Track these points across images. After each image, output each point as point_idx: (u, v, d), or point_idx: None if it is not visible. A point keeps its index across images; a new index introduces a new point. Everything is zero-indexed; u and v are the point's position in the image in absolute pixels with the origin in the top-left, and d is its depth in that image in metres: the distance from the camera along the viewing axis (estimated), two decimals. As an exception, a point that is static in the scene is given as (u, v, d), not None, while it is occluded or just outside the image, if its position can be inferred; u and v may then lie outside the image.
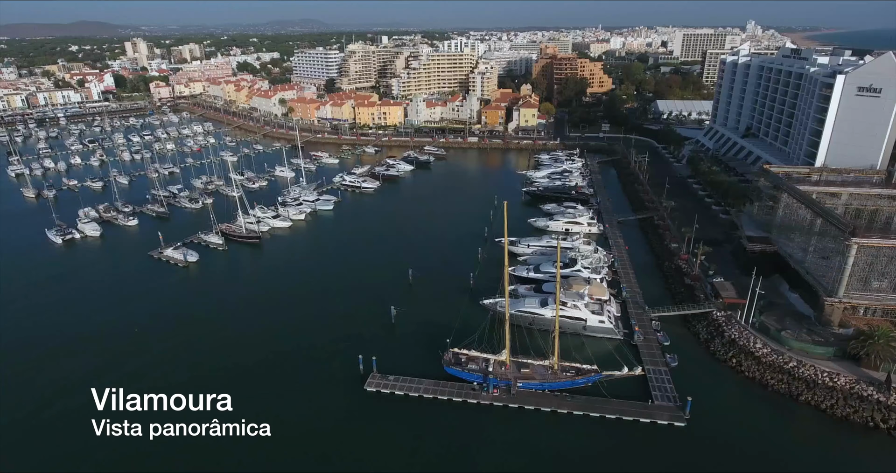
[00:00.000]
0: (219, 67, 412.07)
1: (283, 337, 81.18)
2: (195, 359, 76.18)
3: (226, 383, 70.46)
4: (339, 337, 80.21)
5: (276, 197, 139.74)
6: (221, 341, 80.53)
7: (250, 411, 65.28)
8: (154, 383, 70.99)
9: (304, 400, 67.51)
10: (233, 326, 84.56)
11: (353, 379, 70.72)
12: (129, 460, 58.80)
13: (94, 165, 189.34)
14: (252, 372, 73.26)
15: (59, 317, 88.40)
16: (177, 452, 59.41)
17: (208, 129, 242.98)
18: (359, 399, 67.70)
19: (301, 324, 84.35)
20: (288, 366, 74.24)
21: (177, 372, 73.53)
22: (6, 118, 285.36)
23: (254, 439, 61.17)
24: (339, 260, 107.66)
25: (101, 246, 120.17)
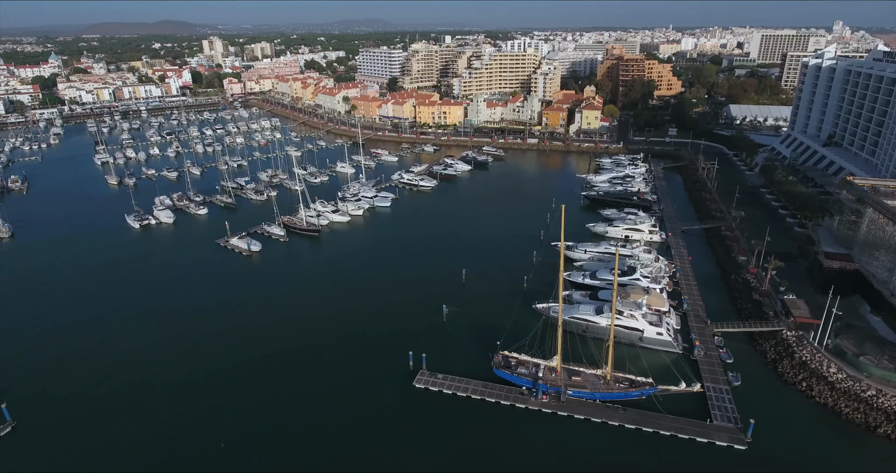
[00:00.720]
0: (287, 65, 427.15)
1: (336, 328, 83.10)
2: (250, 344, 79.32)
3: (278, 370, 73.50)
4: (391, 332, 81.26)
5: (336, 192, 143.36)
6: (277, 329, 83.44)
7: (299, 399, 67.83)
8: (204, 363, 74.78)
9: (354, 392, 68.79)
10: (289, 315, 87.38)
11: (403, 375, 71.42)
12: (160, 428, 62.02)
13: (170, 156, 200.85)
14: (304, 361, 75.47)
15: (131, 296, 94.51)
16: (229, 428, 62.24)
17: (275, 125, 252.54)
18: (407, 396, 68.24)
19: (355, 317, 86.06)
20: (340, 357, 75.94)
21: (231, 353, 76.92)
22: (95, 110, 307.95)
23: (303, 427, 63.43)
24: (393, 257, 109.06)
25: (173, 233, 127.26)
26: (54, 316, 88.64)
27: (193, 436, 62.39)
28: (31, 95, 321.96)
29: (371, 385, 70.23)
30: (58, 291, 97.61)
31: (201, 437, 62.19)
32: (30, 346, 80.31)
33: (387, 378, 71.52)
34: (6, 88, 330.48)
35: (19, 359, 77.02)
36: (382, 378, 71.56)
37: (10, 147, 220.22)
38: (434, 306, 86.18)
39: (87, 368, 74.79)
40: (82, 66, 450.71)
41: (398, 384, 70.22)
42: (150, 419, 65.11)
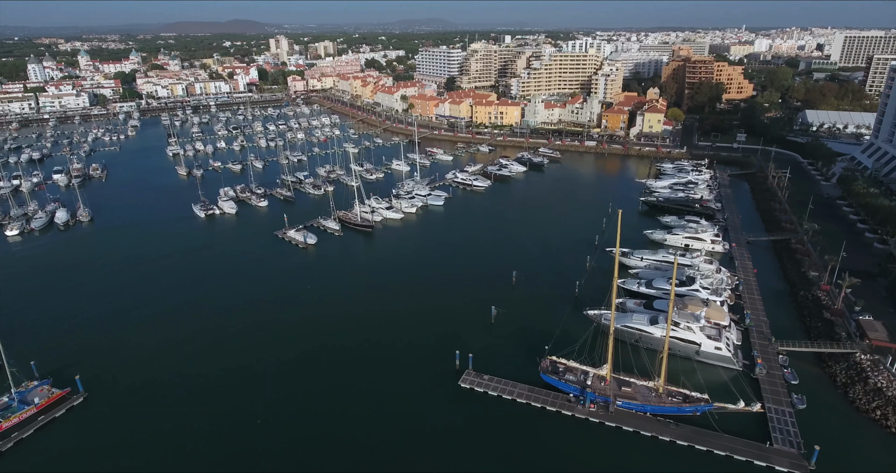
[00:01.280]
0: (348, 64, 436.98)
1: (385, 323, 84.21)
2: (301, 336, 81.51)
3: (327, 362, 75.18)
4: (439, 330, 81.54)
5: (391, 189, 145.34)
6: (329, 321, 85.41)
7: (346, 392, 69.09)
8: (254, 352, 77.41)
9: (400, 388, 69.46)
10: (340, 309, 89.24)
11: (448, 374, 71.49)
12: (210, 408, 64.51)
13: (235, 150, 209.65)
14: (353, 354, 76.85)
15: (193, 282, 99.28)
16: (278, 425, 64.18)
17: (335, 121, 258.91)
18: (452, 395, 68.24)
19: (404, 313, 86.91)
20: (387, 352, 76.85)
21: (282, 344, 79.36)
22: (169, 104, 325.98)
23: (348, 422, 64.57)
24: (444, 255, 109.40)
25: (235, 223, 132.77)
26: (124, 298, 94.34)
27: (236, 422, 64.76)
28: (113, 89, 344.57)
29: (417, 381, 70.68)
30: (127, 274, 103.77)
31: (242, 422, 64.54)
32: (102, 324, 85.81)
33: (433, 375, 71.78)
34: (91, 82, 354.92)
35: (92, 336, 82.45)
36: (428, 375, 71.86)
37: (94, 137, 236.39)
38: (483, 306, 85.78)
39: (151, 347, 79.13)
40: (159, 63, 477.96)
41: (443, 382, 70.32)
42: (199, 400, 68.14)
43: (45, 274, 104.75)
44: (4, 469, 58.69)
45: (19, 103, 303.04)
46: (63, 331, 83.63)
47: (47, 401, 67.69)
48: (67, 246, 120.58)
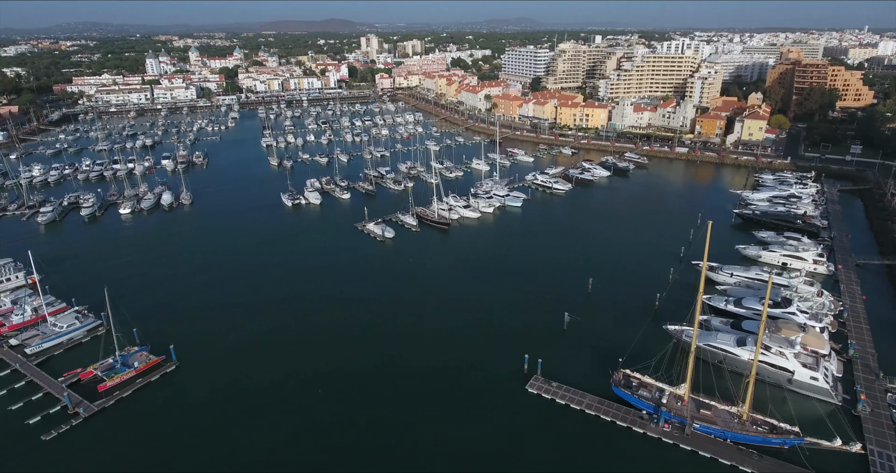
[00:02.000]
0: (435, 62, 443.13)
1: (456, 320, 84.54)
2: (375, 327, 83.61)
3: (394, 356, 76.56)
4: (509, 332, 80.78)
5: (469, 188, 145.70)
6: (401, 313, 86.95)
7: (412, 389, 70.01)
8: (324, 343, 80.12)
9: (465, 388, 69.44)
10: (413, 303, 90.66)
11: (516, 377, 70.60)
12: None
13: (322, 143, 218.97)
14: (420, 350, 77.72)
15: (277, 267, 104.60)
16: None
17: (418, 119, 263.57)
18: (518, 399, 67.31)
19: (475, 311, 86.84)
20: (455, 350, 77.04)
21: (355, 336, 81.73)
22: (266, 98, 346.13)
23: (412, 415, 65.41)
24: (520, 257, 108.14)
25: (319, 213, 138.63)
26: (216, 276, 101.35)
27: (308, 406, 67.45)
28: (217, 83, 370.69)
29: (483, 381, 70.36)
30: (221, 254, 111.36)
31: (311, 404, 67.07)
32: (196, 299, 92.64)
33: (500, 377, 71.17)
34: (199, 77, 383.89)
35: (187, 310, 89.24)
36: (496, 376, 71.34)
37: (198, 127, 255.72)
38: (556, 312, 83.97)
39: (239, 324, 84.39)
40: (259, 59, 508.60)
41: (510, 385, 69.52)
42: (276, 381, 71.65)
43: (151, 250, 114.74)
44: (106, 422, 64.85)
45: (137, 94, 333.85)
46: (162, 303, 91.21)
47: (145, 366, 74.05)
48: (170, 225, 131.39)
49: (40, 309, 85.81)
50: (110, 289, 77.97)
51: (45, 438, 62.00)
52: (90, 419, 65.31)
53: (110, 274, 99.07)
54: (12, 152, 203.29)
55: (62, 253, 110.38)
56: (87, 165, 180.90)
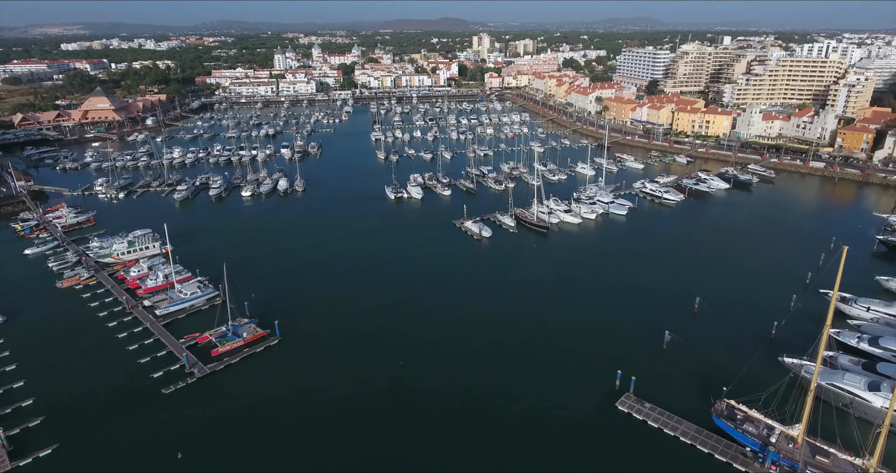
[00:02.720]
0: (546, 62, 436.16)
1: (548, 327, 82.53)
2: (467, 327, 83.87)
3: (482, 360, 76.14)
4: (602, 345, 77.50)
5: (572, 192, 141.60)
6: (492, 315, 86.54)
7: (495, 393, 69.22)
8: (411, 338, 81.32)
9: (552, 398, 67.46)
10: (504, 306, 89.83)
11: (607, 393, 67.50)
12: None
13: (428, 140, 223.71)
14: (509, 354, 76.67)
15: (377, 256, 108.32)
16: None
17: (524, 119, 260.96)
18: (607, 415, 64.26)
19: (568, 320, 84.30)
20: (545, 358, 75.14)
21: (446, 335, 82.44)
22: (378, 94, 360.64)
23: (486, 421, 64.70)
24: (620, 267, 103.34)
25: (419, 208, 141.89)
26: (322, 260, 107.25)
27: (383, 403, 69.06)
28: (335, 79, 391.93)
29: (571, 393, 67.97)
30: (327, 240, 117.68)
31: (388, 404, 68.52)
32: (303, 279, 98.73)
33: (589, 390, 68.43)
34: (319, 72, 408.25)
35: (293, 289, 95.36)
36: (584, 389, 68.68)
37: (315, 119, 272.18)
38: (655, 329, 79.19)
39: (340, 307, 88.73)
40: (375, 57, 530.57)
41: (599, 400, 66.62)
42: (367, 367, 74.19)
43: (266, 231, 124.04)
44: (216, 384, 71.08)
45: (265, 87, 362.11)
46: (271, 281, 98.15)
47: (252, 338, 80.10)
48: (284, 209, 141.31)
49: (170, 276, 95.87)
50: (228, 264, 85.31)
51: (164, 391, 69.17)
52: (203, 379, 71.86)
53: (229, 250, 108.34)
54: (158, 135, 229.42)
55: (191, 228, 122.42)
56: (218, 150, 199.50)
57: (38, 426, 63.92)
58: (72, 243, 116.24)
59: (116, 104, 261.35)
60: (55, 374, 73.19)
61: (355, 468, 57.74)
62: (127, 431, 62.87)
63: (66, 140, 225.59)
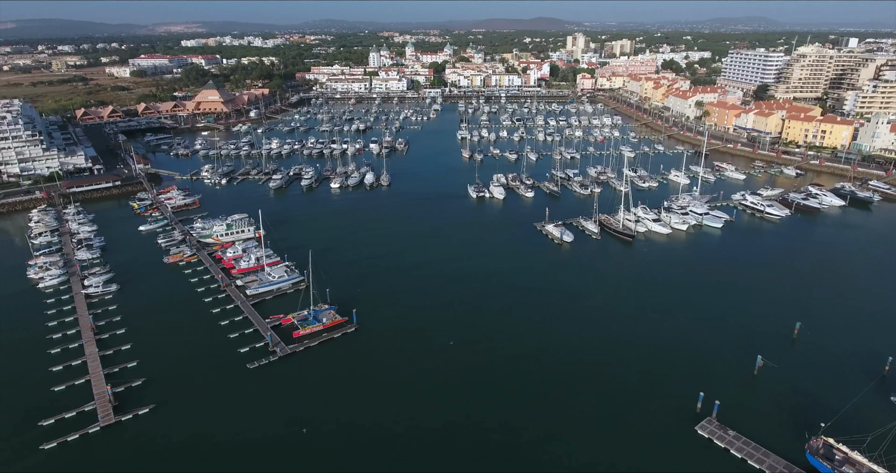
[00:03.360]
0: (643, 64, 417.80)
1: (630, 339, 79.06)
2: (542, 332, 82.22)
3: (553, 370, 74.15)
4: (686, 364, 73.06)
5: (663, 200, 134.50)
6: (566, 323, 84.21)
7: (564, 403, 67.08)
8: (491, 335, 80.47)
9: (627, 413, 64.54)
10: (582, 313, 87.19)
11: (686, 415, 63.54)
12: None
13: (514, 140, 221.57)
14: (584, 364, 74.25)
15: (453, 251, 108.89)
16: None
17: (616, 123, 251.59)
18: (685, 439, 60.42)
19: (651, 334, 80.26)
20: (619, 372, 72.02)
21: (520, 335, 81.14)
22: (467, 93, 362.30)
23: (555, 428, 62.77)
24: (711, 284, 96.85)
25: (500, 208, 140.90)
26: (403, 254, 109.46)
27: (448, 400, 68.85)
28: (426, 77, 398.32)
29: (647, 410, 64.66)
30: (408, 233, 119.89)
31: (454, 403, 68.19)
32: (382, 271, 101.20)
33: (666, 409, 64.83)
34: (411, 70, 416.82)
35: (372, 279, 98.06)
36: (662, 407, 65.13)
37: (403, 116, 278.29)
38: (746, 353, 73.56)
39: (414, 301, 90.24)
40: (466, 56, 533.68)
41: (677, 421, 62.85)
42: (437, 362, 74.66)
43: (351, 222, 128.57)
44: (296, 363, 74.72)
45: (358, 84, 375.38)
46: (352, 270, 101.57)
47: (331, 323, 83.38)
48: (369, 202, 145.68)
49: (261, 260, 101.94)
50: (313, 251, 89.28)
51: (249, 366, 73.71)
52: (284, 358, 75.82)
53: (315, 238, 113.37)
54: (260, 127, 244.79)
55: (282, 215, 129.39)
56: (312, 143, 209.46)
57: (139, 386, 70.41)
58: (179, 223, 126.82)
59: (225, 97, 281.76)
60: (157, 341, 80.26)
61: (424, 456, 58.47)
62: (215, 400, 67.68)
63: (180, 128, 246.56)
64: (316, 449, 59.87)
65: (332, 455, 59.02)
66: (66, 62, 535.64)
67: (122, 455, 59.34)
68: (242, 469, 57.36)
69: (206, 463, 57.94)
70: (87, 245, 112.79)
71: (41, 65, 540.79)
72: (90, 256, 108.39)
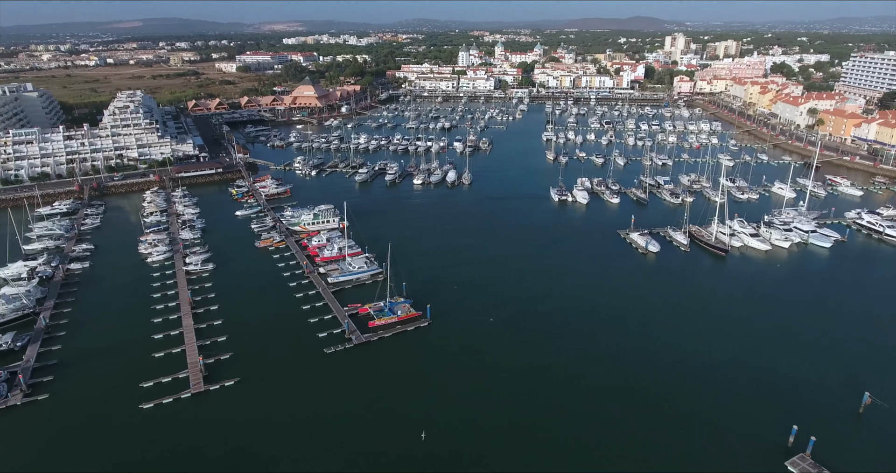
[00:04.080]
0: (750, 66, 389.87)
1: (713, 360, 73.91)
2: (619, 352, 78.83)
3: (636, 386, 70.67)
4: (778, 395, 67.09)
5: (763, 214, 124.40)
6: (651, 341, 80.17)
7: (642, 428, 63.65)
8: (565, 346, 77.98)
9: (711, 441, 60.23)
10: (663, 331, 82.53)
11: (775, 449, 58.38)
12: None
13: (602, 143, 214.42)
14: (663, 386, 70.22)
15: (535, 254, 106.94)
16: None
17: (714, 129, 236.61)
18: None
19: (739, 358, 74.46)
20: (701, 395, 67.30)
21: (596, 347, 78.27)
22: (555, 94, 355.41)
23: (633, 455, 59.65)
24: (814, 307, 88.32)
25: (583, 213, 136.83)
26: (479, 252, 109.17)
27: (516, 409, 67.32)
28: (514, 77, 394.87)
29: (732, 441, 59.92)
30: (485, 234, 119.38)
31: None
32: (456, 268, 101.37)
33: (755, 440, 59.76)
34: (499, 70, 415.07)
35: (449, 276, 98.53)
36: (751, 437, 60.11)
37: (489, 116, 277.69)
38: (851, 388, 66.63)
39: (491, 301, 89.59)
40: (556, 56, 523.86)
41: (766, 454, 57.90)
42: (507, 362, 73.68)
43: (431, 219, 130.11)
44: (370, 352, 76.65)
45: (446, 82, 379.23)
46: (429, 266, 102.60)
47: (405, 316, 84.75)
48: (449, 199, 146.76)
49: (343, 250, 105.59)
50: (392, 245, 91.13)
51: (326, 351, 76.63)
52: (359, 346, 78.09)
53: (395, 232, 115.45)
54: (350, 122, 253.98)
55: (365, 208, 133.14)
56: (398, 139, 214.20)
57: (227, 359, 75.18)
58: (271, 210, 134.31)
59: (319, 92, 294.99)
60: (245, 318, 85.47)
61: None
62: (293, 380, 71.03)
63: (277, 121, 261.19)
64: (382, 435, 61.08)
65: (395, 442, 59.98)
66: (181, 57, 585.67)
67: (207, 422, 63.70)
68: (314, 448, 59.63)
69: (279, 439, 60.83)
70: (190, 226, 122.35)
71: (161, 59, 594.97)
72: (192, 236, 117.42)
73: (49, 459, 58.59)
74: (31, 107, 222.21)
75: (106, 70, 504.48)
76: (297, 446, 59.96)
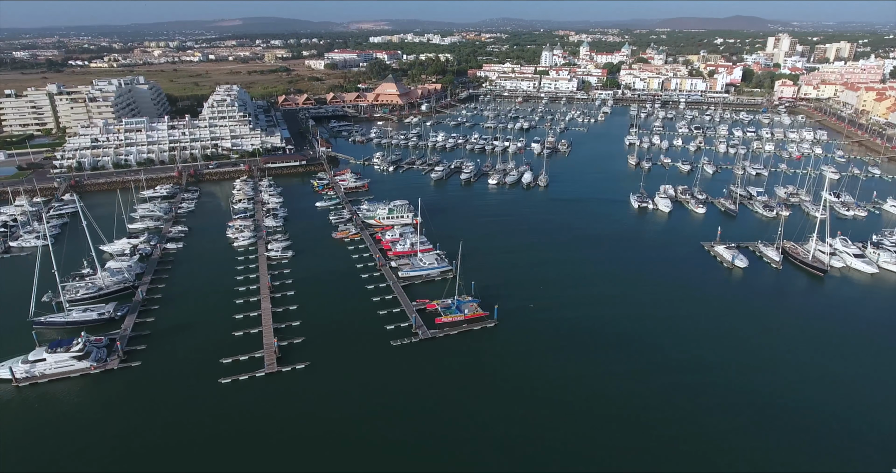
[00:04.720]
0: (865, 71, 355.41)
1: (804, 386, 68.04)
2: (701, 370, 74.33)
3: (727, 413, 66.27)
4: (877, 429, 60.45)
5: (872, 233, 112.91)
6: (734, 361, 75.01)
7: (731, 455, 59.52)
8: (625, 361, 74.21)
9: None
10: (751, 351, 76.86)
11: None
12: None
13: (689, 149, 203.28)
14: (750, 410, 65.31)
15: (607, 258, 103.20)
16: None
17: (819, 138, 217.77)
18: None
19: (833, 388, 68.18)
20: (800, 426, 61.98)
21: (670, 356, 74.11)
22: (641, 96, 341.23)
23: None
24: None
25: (665, 222, 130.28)
26: (551, 255, 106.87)
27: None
28: (598, 78, 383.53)
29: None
30: (562, 236, 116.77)
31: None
32: (527, 271, 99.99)
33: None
34: (583, 70, 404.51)
35: (517, 279, 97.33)
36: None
37: (570, 117, 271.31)
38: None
39: (559, 306, 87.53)
40: (645, 57, 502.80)
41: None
42: (572, 370, 71.39)
43: (503, 219, 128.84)
44: (434, 348, 77.28)
45: (527, 82, 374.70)
46: (499, 267, 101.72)
47: (472, 315, 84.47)
48: (524, 202, 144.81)
49: (415, 245, 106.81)
50: (464, 244, 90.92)
51: (393, 344, 77.89)
52: (424, 341, 78.81)
53: (467, 231, 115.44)
54: (429, 120, 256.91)
55: (439, 206, 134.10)
56: (475, 139, 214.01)
57: (300, 344, 78.25)
58: (348, 203, 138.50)
59: (401, 90, 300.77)
60: (319, 305, 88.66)
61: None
62: (361, 369, 72.83)
63: (360, 117, 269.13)
64: (437, 431, 61.15)
65: (450, 439, 59.81)
66: (275, 55, 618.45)
67: (279, 401, 66.57)
68: (372, 437, 60.69)
69: (343, 425, 62.45)
70: (273, 214, 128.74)
71: (256, 56, 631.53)
72: (275, 224, 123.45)
73: (137, 422, 63.48)
74: (141, 98, 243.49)
75: (208, 65, 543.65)
76: (357, 434, 61.21)
